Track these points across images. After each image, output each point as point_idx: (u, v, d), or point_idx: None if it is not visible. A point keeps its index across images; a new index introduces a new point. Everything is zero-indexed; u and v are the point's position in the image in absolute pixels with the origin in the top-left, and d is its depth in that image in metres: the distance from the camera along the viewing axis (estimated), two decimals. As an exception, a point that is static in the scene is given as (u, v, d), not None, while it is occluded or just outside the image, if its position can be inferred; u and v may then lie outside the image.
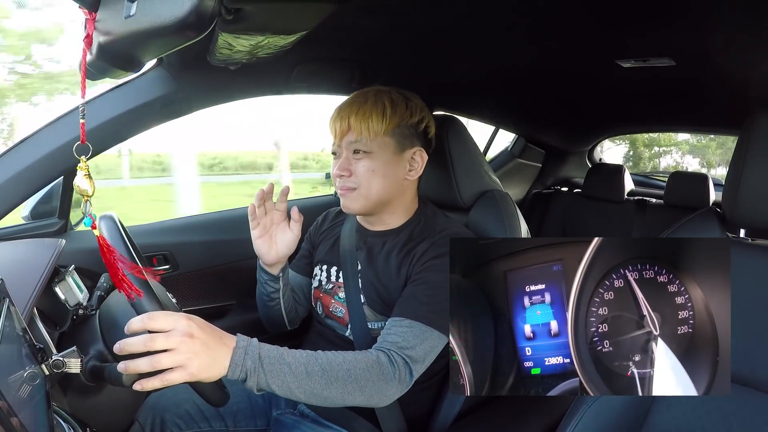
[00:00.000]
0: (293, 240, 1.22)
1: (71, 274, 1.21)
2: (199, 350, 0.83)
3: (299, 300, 1.41)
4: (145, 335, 0.81)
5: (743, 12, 1.10)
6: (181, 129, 9.56)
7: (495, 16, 1.25)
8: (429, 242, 1.17)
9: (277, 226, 1.23)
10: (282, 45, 0.95)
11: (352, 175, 1.19)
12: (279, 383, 0.91)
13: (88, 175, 0.85)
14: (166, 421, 1.25)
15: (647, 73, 1.62)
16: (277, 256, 1.23)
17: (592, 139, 3.17)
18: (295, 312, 1.38)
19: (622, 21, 1.23)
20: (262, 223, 1.21)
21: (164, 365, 0.80)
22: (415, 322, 1.08)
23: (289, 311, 1.35)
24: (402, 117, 1.19)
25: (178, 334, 0.82)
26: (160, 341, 0.80)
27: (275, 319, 1.35)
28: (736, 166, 0.97)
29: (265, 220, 1.22)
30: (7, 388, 0.63)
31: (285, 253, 1.23)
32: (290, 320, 1.37)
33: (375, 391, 0.99)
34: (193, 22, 0.66)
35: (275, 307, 1.32)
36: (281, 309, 1.32)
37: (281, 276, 1.27)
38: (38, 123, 1.22)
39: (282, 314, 1.33)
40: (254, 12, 0.76)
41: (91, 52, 0.83)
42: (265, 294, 1.30)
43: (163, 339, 0.81)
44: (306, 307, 1.44)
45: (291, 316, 1.37)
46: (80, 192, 0.84)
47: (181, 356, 0.81)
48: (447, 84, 1.91)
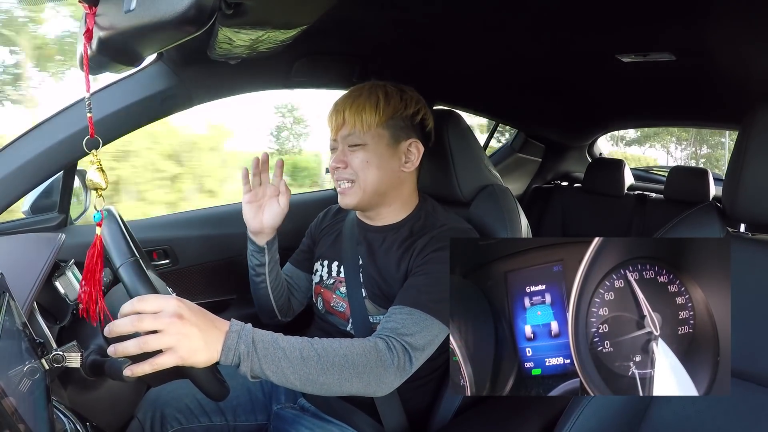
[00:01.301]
0: (280, 213, 1.26)
1: (71, 268, 1.20)
2: (189, 332, 0.82)
3: (294, 292, 1.42)
4: (133, 315, 0.81)
5: (743, 6, 1.10)
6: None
7: (495, 10, 1.24)
8: (429, 236, 1.17)
9: (268, 199, 1.26)
10: (282, 39, 0.95)
11: (347, 167, 1.20)
12: (273, 368, 0.89)
13: (101, 168, 0.85)
14: (167, 416, 1.25)
15: (647, 68, 1.62)
16: (261, 226, 1.26)
17: (592, 133, 3.17)
18: (286, 301, 1.39)
19: (622, 15, 1.22)
20: (255, 191, 1.26)
21: (153, 346, 0.79)
22: (414, 310, 1.07)
23: (278, 296, 1.35)
24: (396, 109, 1.20)
25: (167, 315, 0.81)
26: (148, 322, 0.80)
27: (264, 302, 1.36)
28: (736, 160, 0.97)
29: (259, 189, 1.27)
30: (7, 382, 0.63)
31: (270, 224, 1.26)
32: (280, 308, 1.38)
33: (373, 378, 0.98)
34: (193, 17, 0.65)
35: (261, 284, 1.33)
36: (268, 289, 1.33)
37: (266, 248, 1.29)
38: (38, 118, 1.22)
39: (269, 296, 1.34)
40: (254, 6, 0.76)
41: (91, 47, 0.83)
42: (252, 268, 1.32)
43: (150, 319, 0.80)
44: (301, 302, 1.45)
45: (281, 304, 1.37)
46: (94, 186, 0.84)
47: (170, 338, 0.80)
48: (447, 78, 1.91)
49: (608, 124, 3.11)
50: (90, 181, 0.84)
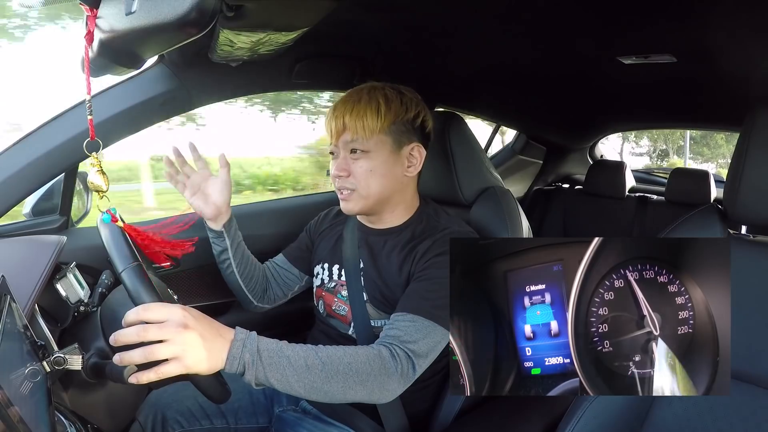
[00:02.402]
0: (223, 185, 1.25)
1: (72, 270, 1.21)
2: (194, 342, 0.82)
3: (274, 280, 1.43)
4: (139, 325, 0.81)
5: (744, 8, 1.10)
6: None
7: (496, 13, 1.24)
8: (431, 240, 1.17)
9: (206, 181, 1.26)
10: (283, 42, 0.95)
11: (350, 176, 1.19)
12: (278, 377, 0.90)
13: (101, 170, 0.85)
14: (168, 419, 1.25)
15: (648, 70, 1.61)
16: (216, 208, 1.26)
17: (593, 135, 3.17)
18: (261, 288, 1.40)
19: (623, 17, 1.22)
20: (190, 183, 1.26)
21: (158, 356, 0.80)
22: (417, 317, 1.07)
23: (247, 279, 1.35)
24: (397, 113, 1.18)
25: (173, 324, 0.81)
26: (153, 332, 0.80)
27: (235, 289, 1.36)
28: (737, 162, 0.97)
29: (193, 178, 1.26)
30: (8, 384, 0.63)
31: (221, 201, 1.25)
32: (254, 294, 1.38)
33: (377, 386, 0.99)
34: (195, 19, 0.66)
35: (228, 270, 1.33)
36: (235, 274, 1.33)
37: (225, 232, 1.29)
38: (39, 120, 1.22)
39: (238, 281, 1.34)
40: (255, 9, 0.76)
41: (93, 49, 0.83)
42: (216, 256, 1.33)
43: (156, 329, 0.80)
44: (283, 292, 1.44)
45: (254, 289, 1.38)
46: (95, 188, 0.85)
47: (175, 347, 0.80)
48: (448, 80, 1.91)
49: (609, 126, 3.11)
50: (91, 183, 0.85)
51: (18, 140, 1.21)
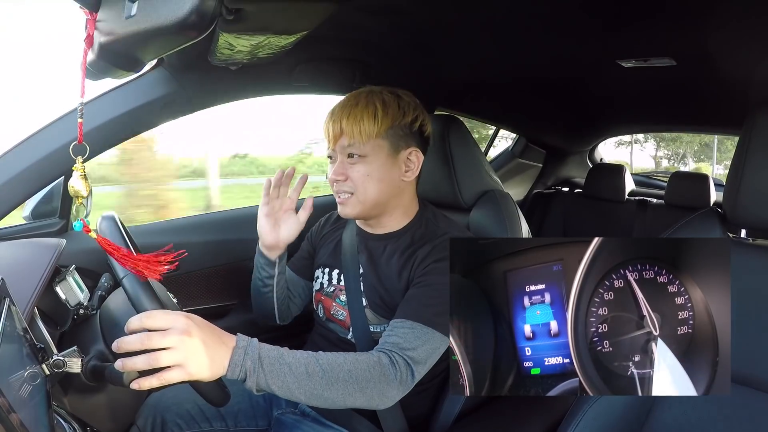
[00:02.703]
0: (296, 229, 1.25)
1: (72, 273, 1.21)
2: (197, 349, 0.83)
3: (293, 297, 1.42)
4: (143, 333, 0.81)
5: (744, 11, 1.10)
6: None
7: (495, 17, 1.25)
8: (431, 245, 1.16)
9: (284, 213, 1.25)
10: (283, 45, 0.95)
11: (347, 180, 1.18)
12: (279, 384, 0.91)
13: (84, 176, 0.84)
14: (167, 421, 1.25)
15: (648, 73, 1.62)
16: (275, 240, 1.25)
17: (592, 139, 3.18)
18: (287, 307, 1.39)
19: (623, 21, 1.23)
20: (272, 203, 1.25)
21: (161, 363, 0.80)
22: (416, 324, 1.07)
23: (280, 303, 1.36)
24: (394, 118, 1.17)
25: (176, 332, 0.82)
26: (157, 339, 0.80)
27: (266, 309, 1.36)
28: (736, 165, 0.96)
29: (276, 202, 1.25)
30: (7, 387, 0.63)
31: (285, 239, 1.25)
32: (281, 314, 1.38)
33: (376, 393, 0.99)
34: (194, 22, 0.66)
35: (267, 294, 1.33)
36: (273, 298, 1.33)
37: (277, 262, 1.28)
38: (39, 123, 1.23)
39: (273, 304, 1.34)
40: (255, 12, 0.76)
41: (92, 52, 0.83)
42: (260, 279, 1.32)
43: (159, 337, 0.80)
44: (299, 306, 1.45)
45: (282, 309, 1.37)
46: (74, 193, 0.84)
47: (178, 354, 0.81)
48: (448, 84, 1.91)
49: (609, 129, 3.11)
50: (71, 188, 0.84)
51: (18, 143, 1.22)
